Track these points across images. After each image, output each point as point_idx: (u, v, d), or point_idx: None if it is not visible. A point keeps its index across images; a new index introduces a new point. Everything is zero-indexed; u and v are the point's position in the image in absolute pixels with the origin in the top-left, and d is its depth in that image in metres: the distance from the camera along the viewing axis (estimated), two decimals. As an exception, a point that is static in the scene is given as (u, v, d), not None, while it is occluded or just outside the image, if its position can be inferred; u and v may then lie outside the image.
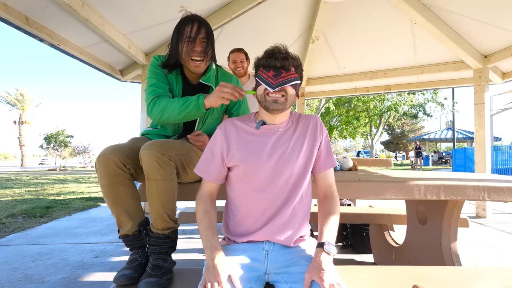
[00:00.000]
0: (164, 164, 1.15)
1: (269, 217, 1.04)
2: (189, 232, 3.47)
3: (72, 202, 5.45)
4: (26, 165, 31.00)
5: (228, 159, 1.06)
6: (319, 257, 0.90)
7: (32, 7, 2.69)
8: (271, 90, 1.00)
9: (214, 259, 0.90)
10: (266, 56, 1.02)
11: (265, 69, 1.02)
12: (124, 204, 1.23)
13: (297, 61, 1.04)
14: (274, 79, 1.00)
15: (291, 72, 1.01)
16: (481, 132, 4.08)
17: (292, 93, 1.03)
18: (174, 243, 1.26)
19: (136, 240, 1.25)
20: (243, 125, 1.10)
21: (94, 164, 1.21)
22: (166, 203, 1.19)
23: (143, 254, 1.25)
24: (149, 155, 1.14)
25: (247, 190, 1.05)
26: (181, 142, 1.31)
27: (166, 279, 1.13)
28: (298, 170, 1.05)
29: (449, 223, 1.68)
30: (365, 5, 3.78)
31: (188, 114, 1.27)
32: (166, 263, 1.18)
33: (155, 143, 1.18)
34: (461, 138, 25.45)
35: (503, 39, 3.66)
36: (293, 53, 1.04)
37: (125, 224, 1.24)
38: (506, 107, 11.21)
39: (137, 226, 1.25)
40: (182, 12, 3.39)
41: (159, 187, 1.16)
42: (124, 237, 1.25)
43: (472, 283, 1.08)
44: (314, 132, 1.09)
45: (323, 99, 14.53)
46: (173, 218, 1.24)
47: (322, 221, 1.01)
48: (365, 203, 3.99)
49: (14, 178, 11.74)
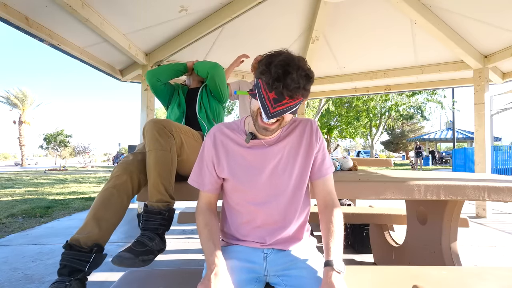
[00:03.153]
0: (165, 136, 1.25)
1: (267, 227, 1.01)
2: (189, 232, 3.47)
3: (72, 202, 5.45)
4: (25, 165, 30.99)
5: (219, 170, 1.01)
6: (330, 278, 0.83)
7: (32, 7, 2.69)
8: (265, 120, 0.87)
9: (213, 271, 0.86)
10: (275, 75, 0.82)
11: (268, 88, 0.84)
12: (109, 214, 1.17)
13: (310, 85, 0.86)
14: (272, 106, 0.85)
15: (295, 98, 0.85)
16: (481, 132, 4.08)
17: (289, 118, 0.91)
18: (166, 221, 1.22)
19: (77, 257, 1.10)
20: (232, 135, 1.02)
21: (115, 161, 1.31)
22: (163, 173, 1.21)
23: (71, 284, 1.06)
24: (151, 126, 1.24)
25: (242, 201, 1.02)
26: (182, 124, 1.46)
27: (142, 259, 1.08)
28: (294, 179, 1.00)
29: (449, 223, 1.68)
30: (365, 5, 3.78)
31: (177, 72, 1.95)
32: (152, 242, 1.15)
33: (158, 119, 1.30)
34: (461, 138, 25.44)
35: (503, 39, 3.66)
36: (310, 73, 0.86)
37: (89, 229, 1.14)
38: (506, 107, 11.20)
39: (92, 243, 1.13)
40: (182, 12, 3.39)
41: (157, 157, 1.21)
42: (70, 246, 1.11)
43: (472, 283, 1.08)
44: (309, 138, 1.02)
45: (323, 99, 14.53)
46: (169, 192, 1.23)
47: (326, 234, 0.94)
48: (365, 203, 3.99)
49: (14, 178, 11.74)
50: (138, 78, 4.56)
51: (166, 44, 3.96)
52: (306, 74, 0.85)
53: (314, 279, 0.90)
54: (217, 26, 3.67)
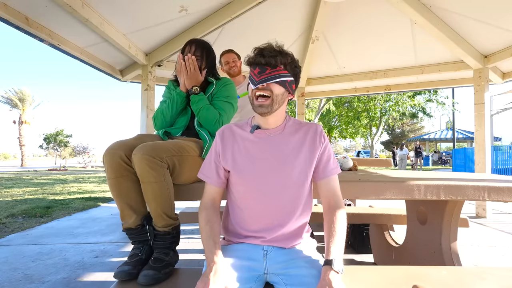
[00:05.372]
0: (156, 166, 1.19)
1: (268, 221, 1.03)
2: (189, 232, 3.47)
3: (72, 202, 5.45)
4: (26, 165, 31.00)
5: (223, 162, 1.06)
6: (328, 276, 0.85)
7: (32, 7, 2.69)
8: (253, 87, 0.99)
9: (212, 269, 0.88)
10: (253, 53, 1.00)
11: (252, 67, 1.00)
12: (128, 198, 1.26)
13: (287, 58, 1.00)
14: (258, 76, 0.98)
15: (277, 69, 0.98)
16: (481, 132, 4.08)
17: (280, 91, 0.99)
18: (175, 238, 1.30)
19: (139, 234, 1.28)
20: (240, 130, 1.09)
21: (102, 157, 1.26)
22: (162, 203, 1.23)
23: (144, 249, 1.26)
24: (140, 159, 1.18)
25: (245, 195, 1.04)
26: (173, 143, 1.34)
27: (165, 273, 1.16)
28: (296, 176, 1.02)
29: (449, 223, 1.68)
30: (365, 5, 3.78)
31: (176, 104, 1.56)
32: (168, 257, 1.22)
33: (145, 146, 1.21)
34: (461, 138, 25.46)
35: (503, 39, 3.66)
36: (284, 50, 1.01)
37: (128, 218, 1.27)
38: (506, 107, 11.21)
39: (140, 220, 1.27)
40: (182, 12, 3.39)
41: (153, 189, 1.20)
42: (127, 230, 1.28)
43: (472, 283, 1.08)
44: (313, 140, 1.05)
45: (323, 99, 14.53)
46: (172, 216, 1.26)
47: (328, 234, 0.96)
48: (365, 203, 3.99)
49: (14, 178, 11.74)
50: (138, 78, 4.56)
51: (166, 44, 3.95)
52: (281, 48, 1.00)
53: (313, 278, 0.90)
54: (217, 26, 3.67)
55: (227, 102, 1.63)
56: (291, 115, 5.96)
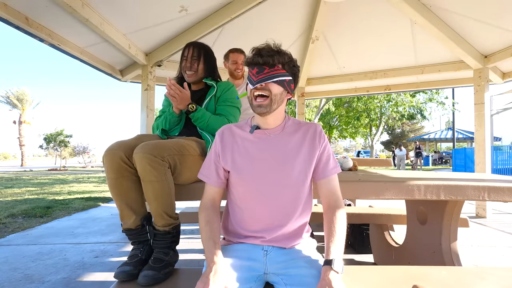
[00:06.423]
0: (157, 166, 1.18)
1: (268, 221, 1.03)
2: (189, 232, 3.47)
3: (72, 202, 5.45)
4: (26, 165, 31.00)
5: (223, 162, 1.06)
6: (328, 276, 0.85)
7: (32, 7, 2.68)
8: (251, 87, 1.00)
9: (212, 269, 0.88)
10: (251, 53, 1.01)
11: (251, 67, 1.01)
12: (127, 199, 1.26)
13: (285, 57, 1.00)
14: (256, 76, 0.98)
15: (275, 69, 0.98)
16: (481, 132, 4.08)
17: (278, 91, 0.99)
18: (175, 238, 1.30)
19: (138, 234, 1.28)
20: (239, 130, 1.09)
21: (102, 158, 1.26)
22: (163, 202, 1.23)
23: (144, 249, 1.26)
24: (141, 157, 1.18)
25: (244, 195, 1.04)
26: (175, 142, 1.34)
27: (165, 273, 1.16)
28: (295, 175, 1.02)
29: (449, 223, 1.68)
30: (365, 5, 3.78)
31: (169, 122, 1.58)
32: (168, 256, 1.22)
33: (147, 145, 1.21)
34: (461, 138, 25.45)
35: (503, 39, 3.66)
36: (282, 49, 1.01)
37: (127, 218, 1.27)
38: (506, 107, 11.20)
39: (140, 221, 1.27)
40: (182, 12, 3.39)
41: (154, 189, 1.20)
42: (127, 231, 1.28)
43: (472, 283, 1.08)
44: (313, 139, 1.05)
45: (323, 99, 14.54)
46: (172, 215, 1.26)
47: (328, 234, 0.96)
48: (365, 203, 3.99)
49: (14, 178, 11.74)
50: (138, 78, 4.56)
51: (166, 44, 3.95)
52: (279, 48, 1.00)
53: (313, 278, 0.90)
54: (217, 26, 3.67)
55: (234, 107, 1.67)
56: (291, 115, 5.96)
